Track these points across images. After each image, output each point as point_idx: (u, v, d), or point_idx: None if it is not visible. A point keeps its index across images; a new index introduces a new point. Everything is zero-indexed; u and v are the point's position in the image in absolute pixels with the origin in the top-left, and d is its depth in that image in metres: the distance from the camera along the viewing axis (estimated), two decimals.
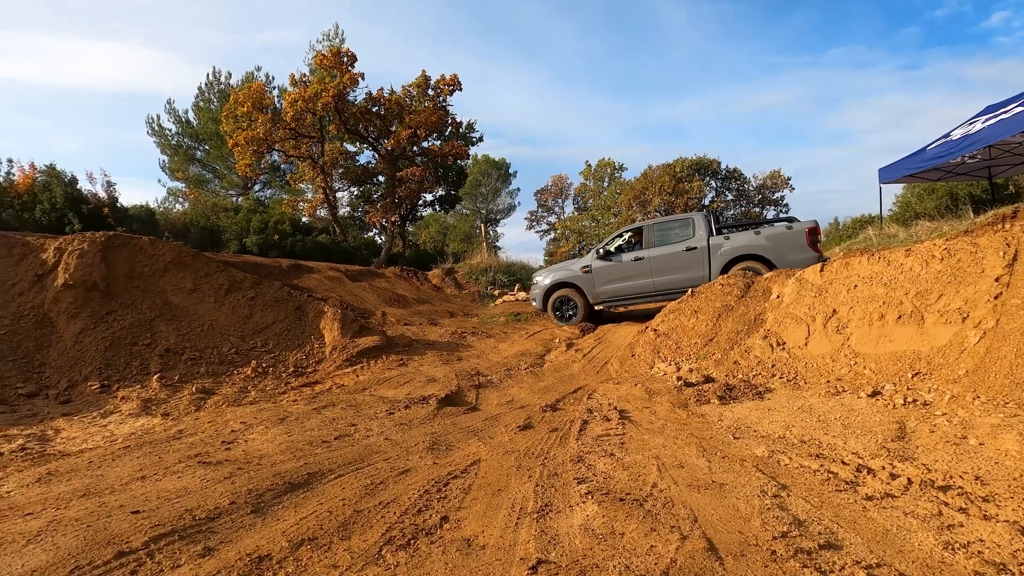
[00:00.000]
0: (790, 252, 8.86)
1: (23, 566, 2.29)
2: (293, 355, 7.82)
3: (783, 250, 8.97)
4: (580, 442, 4.24)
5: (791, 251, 8.88)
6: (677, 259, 9.65)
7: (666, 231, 10.00)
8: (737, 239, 9.37)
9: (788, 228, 9.13)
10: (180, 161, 21.73)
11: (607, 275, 10.19)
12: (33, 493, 3.32)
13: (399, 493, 3.23)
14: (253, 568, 2.33)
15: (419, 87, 17.00)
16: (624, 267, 10.06)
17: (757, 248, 9.17)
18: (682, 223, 9.95)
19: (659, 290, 9.90)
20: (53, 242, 7.93)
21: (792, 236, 9.02)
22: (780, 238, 9.08)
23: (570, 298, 10.61)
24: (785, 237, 9.06)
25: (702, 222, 9.69)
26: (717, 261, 9.38)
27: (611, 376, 7.35)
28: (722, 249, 9.37)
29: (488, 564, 2.30)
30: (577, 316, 10.58)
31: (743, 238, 9.36)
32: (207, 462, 3.76)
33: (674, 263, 9.67)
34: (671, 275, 9.70)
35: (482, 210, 34.11)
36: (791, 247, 8.94)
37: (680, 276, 9.61)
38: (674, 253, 9.69)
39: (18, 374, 6.38)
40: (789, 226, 9.15)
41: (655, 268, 9.81)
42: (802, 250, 8.83)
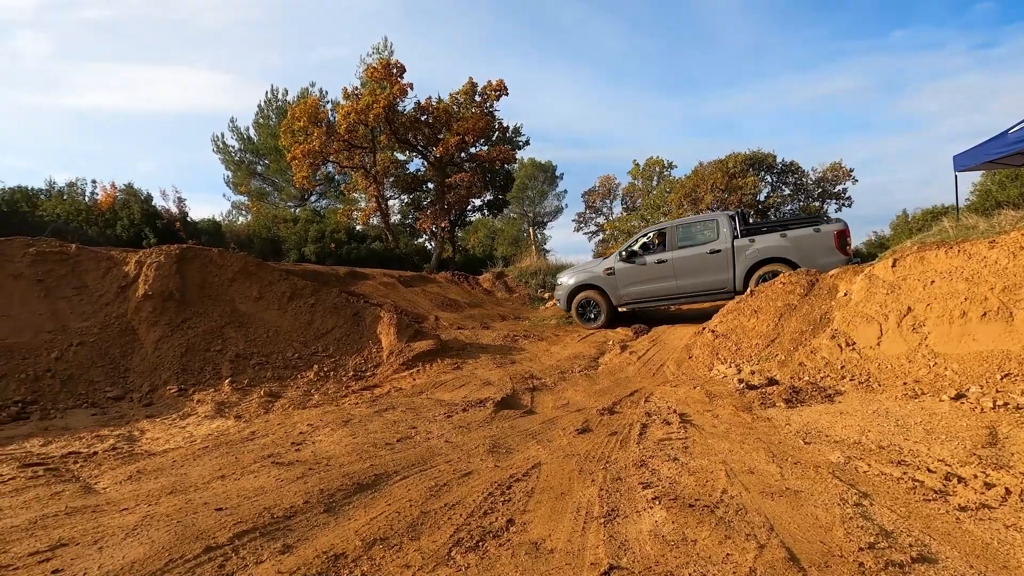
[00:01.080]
0: (818, 255, 8.59)
1: (124, 558, 2.46)
2: (352, 359, 8.06)
3: (810, 253, 8.71)
4: (641, 446, 4.16)
5: (819, 254, 8.61)
6: (701, 261, 9.47)
7: (690, 233, 9.81)
8: (763, 242, 9.13)
9: (816, 231, 8.88)
10: (243, 176, 22.89)
11: (630, 277, 10.06)
12: (126, 490, 3.56)
13: (463, 495, 3.27)
14: (330, 566, 2.41)
15: (466, 94, 17.24)
16: (647, 269, 9.92)
17: (783, 251, 8.95)
18: (706, 224, 9.74)
19: (683, 293, 9.75)
20: (134, 255, 8.50)
21: (820, 239, 8.77)
22: (807, 241, 8.83)
23: (594, 300, 10.50)
24: (812, 240, 8.81)
25: (726, 223, 9.44)
26: (742, 264, 9.19)
27: (668, 379, 7.19)
28: (747, 252, 9.17)
29: (558, 568, 2.30)
30: (601, 318, 10.47)
31: (769, 241, 9.11)
32: (280, 462, 3.93)
33: (698, 265, 9.49)
34: (695, 278, 9.54)
35: (529, 213, 34.17)
36: (819, 250, 8.68)
37: (704, 279, 9.46)
38: (698, 255, 9.52)
39: (106, 379, 6.86)
40: (817, 228, 8.91)
41: (679, 270, 9.66)
42: (830, 253, 8.57)
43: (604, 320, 10.43)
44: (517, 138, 19.93)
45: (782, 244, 8.99)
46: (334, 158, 16.60)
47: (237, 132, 22.96)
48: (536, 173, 33.92)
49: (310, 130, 15.81)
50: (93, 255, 8.39)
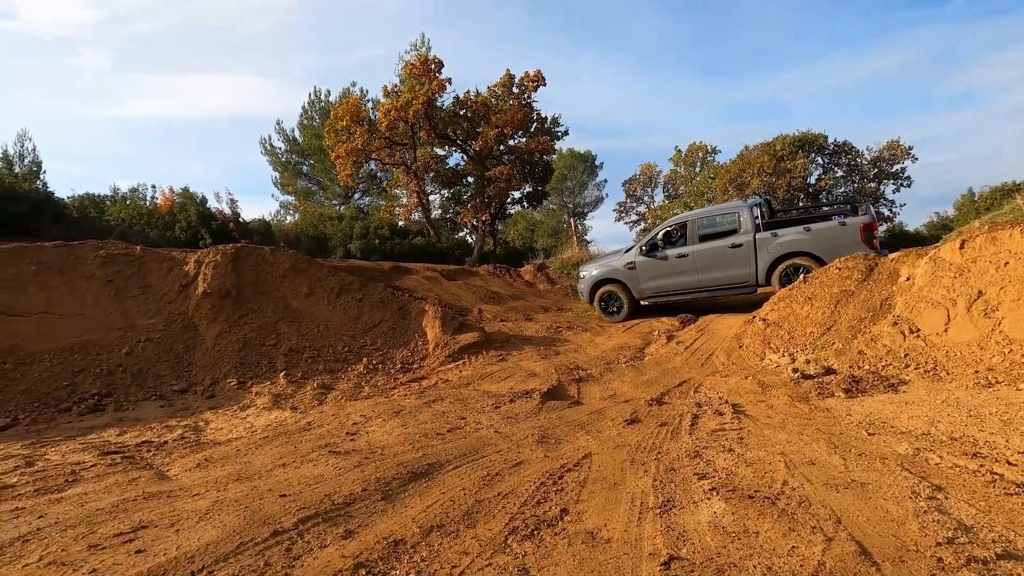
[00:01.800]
0: (843, 249, 8.25)
1: (199, 540, 2.59)
2: (399, 352, 8.22)
3: (835, 247, 8.39)
4: (694, 437, 4.09)
5: (844, 248, 8.28)
6: (722, 255, 9.24)
7: (711, 225, 9.56)
8: (785, 235, 8.85)
9: (842, 224, 8.57)
10: (289, 176, 23.64)
11: (651, 271, 9.93)
12: (196, 476, 3.76)
13: (516, 485, 3.29)
14: (391, 551, 2.47)
15: (504, 86, 17.21)
16: (668, 263, 9.76)
17: (806, 245, 8.68)
18: (727, 217, 9.47)
19: (704, 287, 9.59)
20: (193, 255, 8.91)
21: (845, 232, 8.50)
22: (832, 234, 8.55)
23: (615, 294, 10.41)
24: (837, 233, 8.53)
25: (748, 216, 9.14)
26: (764, 258, 8.94)
27: (717, 369, 7.03)
28: (769, 246, 8.91)
29: (616, 558, 2.28)
30: (623, 311, 10.36)
31: (791, 234, 8.83)
32: (336, 451, 4.06)
33: (719, 259, 9.27)
34: (716, 272, 9.35)
35: (569, 204, 33.91)
36: (844, 244, 8.37)
37: (725, 273, 9.27)
38: (719, 249, 9.28)
39: (171, 373, 7.24)
40: (843, 222, 8.60)
41: (699, 264, 9.45)
42: (856, 247, 8.25)
43: (626, 313, 10.33)
44: (556, 129, 19.77)
45: (805, 238, 8.74)
46: (376, 156, 16.92)
47: (283, 134, 23.73)
48: (575, 163, 33.59)
49: (352, 129, 16.15)
50: (156, 256, 8.84)
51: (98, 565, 2.42)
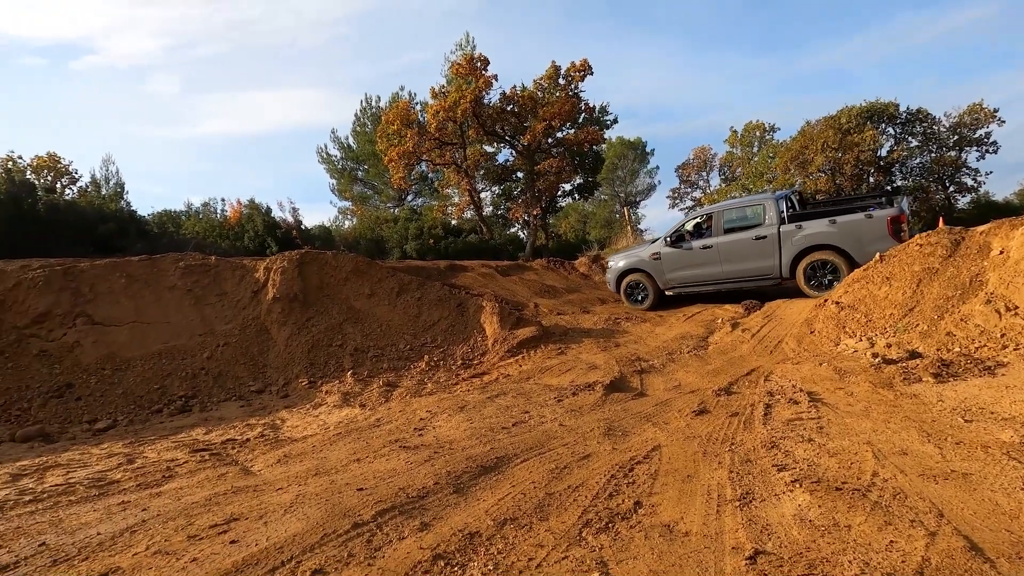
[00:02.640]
0: (869, 243, 8.25)
1: (286, 531, 2.73)
2: (459, 348, 8.34)
3: (860, 240, 8.38)
4: (768, 427, 3.92)
5: (870, 242, 8.26)
6: (746, 247, 9.30)
7: (736, 217, 9.64)
8: (810, 228, 8.77)
9: (868, 216, 8.44)
10: (346, 182, 24.46)
11: (676, 262, 10.06)
12: (278, 471, 3.96)
13: (585, 477, 3.27)
14: (467, 543, 2.51)
15: (550, 78, 17.08)
16: (693, 255, 9.86)
17: (831, 238, 8.62)
18: (752, 209, 9.52)
19: (728, 278, 9.64)
20: (262, 263, 9.37)
21: (871, 225, 8.36)
22: (858, 227, 8.44)
23: (641, 283, 10.61)
24: (863, 226, 8.42)
25: (773, 209, 9.13)
26: (788, 251, 8.94)
27: (788, 356, 6.73)
28: (793, 238, 8.89)
29: (697, 551, 2.22)
30: (648, 300, 10.53)
31: (816, 227, 8.74)
32: (406, 446, 4.16)
33: (743, 251, 9.33)
34: (740, 263, 9.42)
35: (621, 193, 33.31)
36: (870, 237, 8.31)
37: (749, 265, 9.34)
38: (743, 241, 9.33)
39: (248, 374, 7.65)
40: (869, 215, 8.45)
41: (724, 256, 9.53)
42: (883, 240, 8.18)
43: (651, 302, 10.50)
44: (604, 117, 19.45)
45: (830, 231, 8.64)
46: (427, 157, 17.23)
47: (338, 142, 24.56)
48: (625, 152, 32.93)
49: (403, 132, 16.50)
50: (229, 265, 9.36)
51: (198, 554, 2.59)
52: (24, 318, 7.43)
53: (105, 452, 5.02)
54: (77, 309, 7.77)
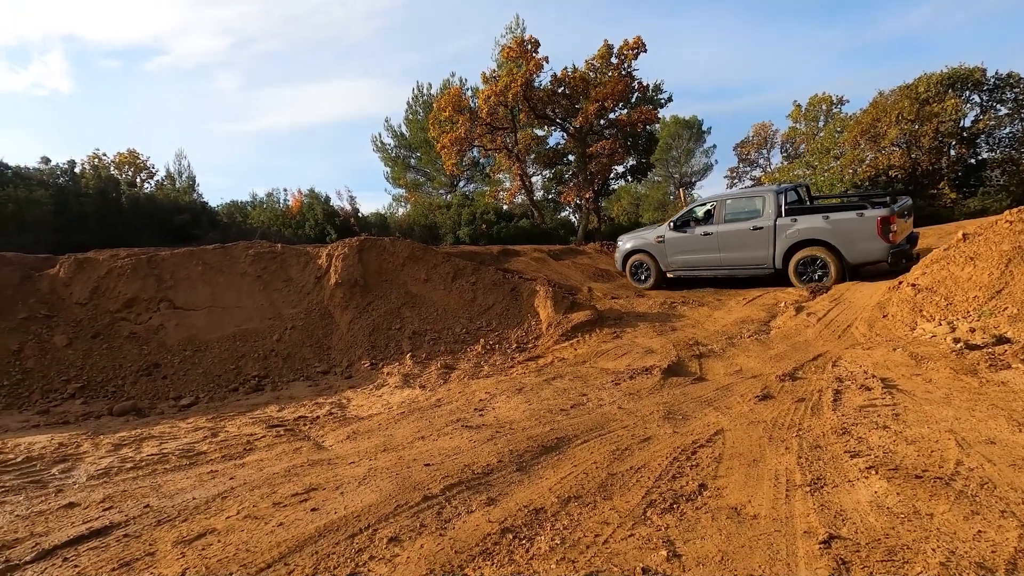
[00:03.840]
0: (859, 241, 8.57)
1: (362, 501, 2.89)
2: (514, 332, 8.43)
3: (851, 238, 8.65)
4: (839, 413, 3.79)
5: (860, 240, 8.56)
6: (743, 237, 9.65)
7: (737, 208, 9.97)
8: (804, 222, 9.06)
9: (860, 215, 8.60)
10: (399, 170, 24.99)
11: (678, 246, 10.49)
12: (348, 447, 4.17)
13: (647, 459, 3.28)
14: (533, 518, 2.59)
15: (602, 58, 16.73)
16: (694, 240, 10.25)
17: (822, 233, 8.89)
18: (753, 200, 9.85)
19: (725, 265, 10.06)
20: (324, 249, 9.75)
21: (861, 224, 8.57)
22: (849, 225, 8.67)
23: (645, 263, 11.10)
24: (854, 224, 8.64)
25: (772, 201, 9.42)
26: (782, 243, 9.24)
27: (857, 341, 6.43)
28: (787, 232, 9.18)
29: (767, 534, 2.20)
30: (650, 280, 11.05)
31: (810, 222, 9.03)
32: (468, 426, 4.29)
33: (740, 241, 9.69)
34: (736, 252, 9.79)
35: (675, 174, 32.40)
36: (860, 236, 8.57)
37: (745, 254, 9.70)
38: (741, 231, 9.68)
39: (314, 356, 8.03)
40: (861, 214, 8.61)
41: (722, 244, 9.92)
42: (871, 240, 8.47)
43: (652, 282, 11.02)
44: (658, 96, 18.87)
45: (822, 226, 8.90)
46: (478, 142, 17.33)
47: (391, 130, 25.08)
48: (680, 131, 31.91)
49: (455, 118, 16.64)
50: (294, 252, 9.80)
51: (283, 520, 2.79)
52: (116, 303, 8.08)
53: (191, 426, 5.44)
54: (160, 295, 8.37)
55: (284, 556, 2.42)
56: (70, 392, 6.65)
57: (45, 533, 2.90)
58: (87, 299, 8.05)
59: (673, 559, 2.13)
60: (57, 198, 12.67)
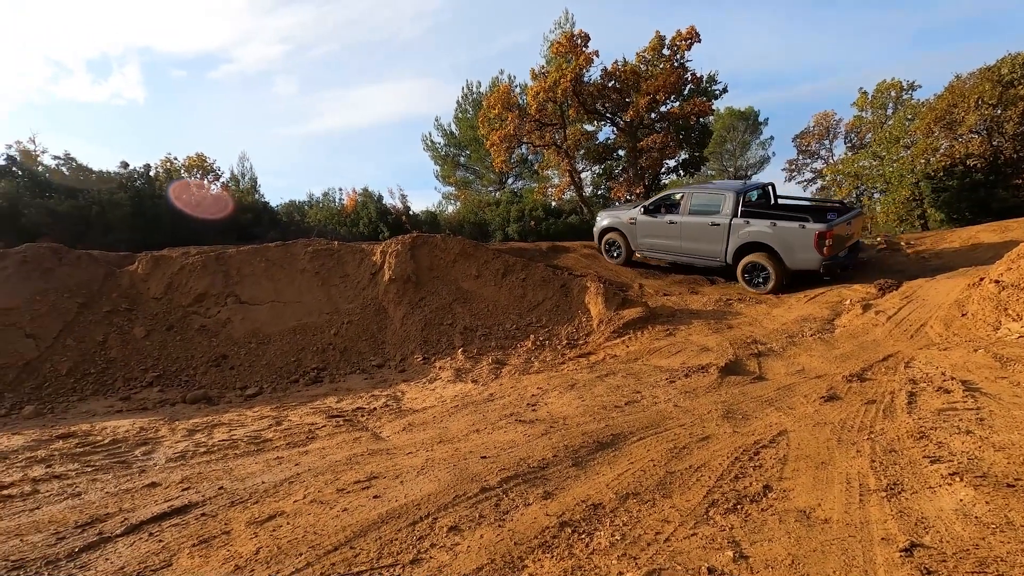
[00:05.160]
0: (798, 250, 9.04)
1: (421, 491, 2.96)
2: (564, 329, 8.40)
3: (791, 246, 9.10)
4: (915, 416, 3.58)
5: (798, 250, 9.03)
6: (702, 230, 10.12)
7: (701, 202, 10.40)
8: (755, 226, 9.51)
9: (802, 227, 9.01)
10: (449, 168, 25.29)
11: (646, 230, 10.98)
12: (405, 438, 4.27)
13: (706, 459, 3.20)
14: (591, 513, 2.57)
15: (654, 50, 16.36)
16: (661, 226, 10.73)
17: (767, 238, 9.34)
18: (716, 197, 10.24)
19: (684, 254, 10.59)
20: (378, 247, 10.01)
21: (801, 235, 9.01)
22: (791, 234, 9.12)
23: (616, 241, 11.62)
24: (795, 234, 9.09)
25: (731, 201, 9.87)
26: (733, 241, 9.69)
27: (932, 341, 6.06)
28: (739, 232, 9.63)
29: (841, 540, 2.11)
30: (621, 257, 11.64)
31: (759, 226, 9.47)
32: (522, 420, 4.31)
33: (699, 233, 10.16)
34: (694, 243, 10.29)
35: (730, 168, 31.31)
36: (798, 246, 9.03)
37: (701, 246, 10.21)
38: (702, 224, 10.13)
39: (369, 350, 8.26)
40: (803, 225, 9.01)
41: (684, 234, 10.41)
42: (807, 251, 8.92)
43: (622, 260, 11.65)
44: (712, 87, 18.27)
45: (768, 232, 9.32)
46: (527, 139, 17.29)
47: (441, 129, 25.39)
48: (735, 123, 30.83)
49: (504, 115, 16.68)
50: (350, 249, 10.10)
51: (347, 505, 2.89)
52: (187, 298, 8.57)
53: (257, 415, 5.71)
54: (227, 290, 8.82)
55: (350, 540, 2.50)
56: (148, 380, 7.11)
57: (132, 509, 3.11)
58: (162, 294, 8.57)
59: (740, 560, 2.07)
60: (135, 200, 13.55)
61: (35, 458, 4.29)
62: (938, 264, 10.14)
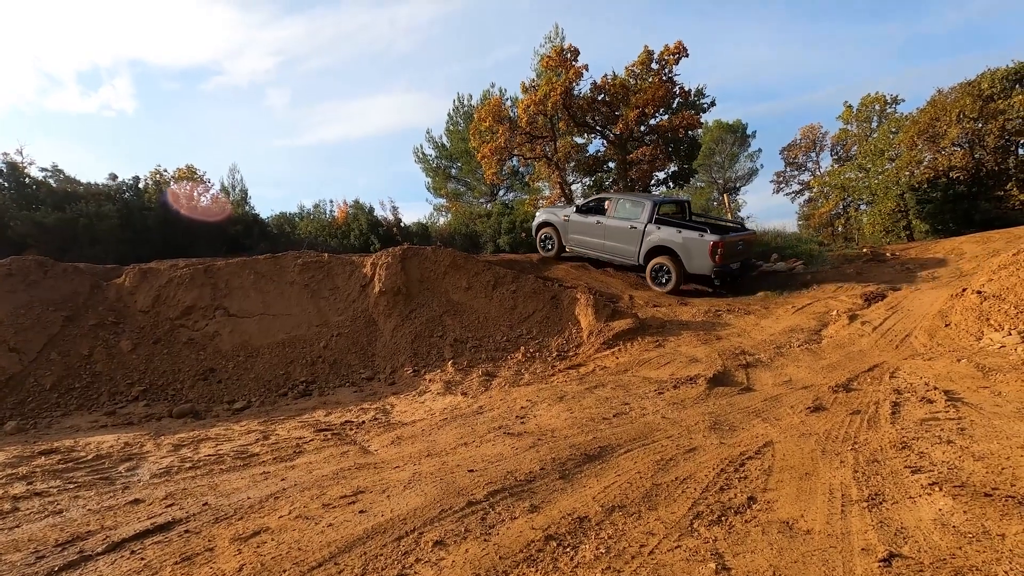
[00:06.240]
0: (695, 256, 10.10)
1: (407, 505, 2.95)
2: (554, 340, 8.42)
3: (691, 253, 10.16)
4: (898, 427, 3.63)
5: (695, 256, 10.08)
6: (622, 233, 11.18)
7: (625, 207, 11.46)
8: (664, 232, 10.59)
9: (700, 236, 10.07)
10: (440, 180, 25.37)
11: (576, 227, 12.07)
12: (392, 451, 4.25)
13: (692, 470, 3.21)
14: (577, 527, 2.57)
15: (642, 64, 16.56)
16: (589, 225, 11.79)
17: (672, 244, 10.44)
18: (637, 204, 11.33)
19: (605, 252, 11.63)
20: (368, 259, 10.01)
21: (700, 244, 10.02)
22: (692, 242, 10.15)
23: (551, 236, 12.66)
24: (696, 242, 10.09)
25: (648, 209, 10.98)
26: (646, 244, 10.81)
27: (917, 351, 6.14)
28: (649, 236, 10.74)
29: (821, 550, 2.12)
30: (553, 250, 12.67)
31: (667, 233, 10.55)
32: (510, 433, 4.31)
33: (619, 235, 11.24)
34: (615, 243, 11.34)
35: (719, 180, 31.62)
36: (696, 252, 10.07)
37: (619, 246, 11.26)
38: (623, 227, 11.19)
39: (359, 363, 8.23)
40: (702, 235, 10.08)
41: (607, 234, 11.48)
42: (703, 257, 9.96)
43: (555, 253, 12.63)
44: (701, 100, 18.48)
45: (674, 238, 10.41)
46: (518, 151, 17.39)
47: (433, 141, 25.50)
48: (724, 135, 31.19)
49: (495, 128, 16.78)
50: (340, 261, 10.09)
51: (333, 520, 2.87)
52: (175, 311, 8.51)
53: (244, 429, 5.66)
54: (216, 302, 8.77)
55: (334, 556, 2.49)
56: (134, 395, 7.03)
57: (114, 527, 3.07)
58: (150, 307, 8.51)
59: (722, 572, 2.08)
60: (123, 212, 13.46)
61: (16, 475, 4.23)
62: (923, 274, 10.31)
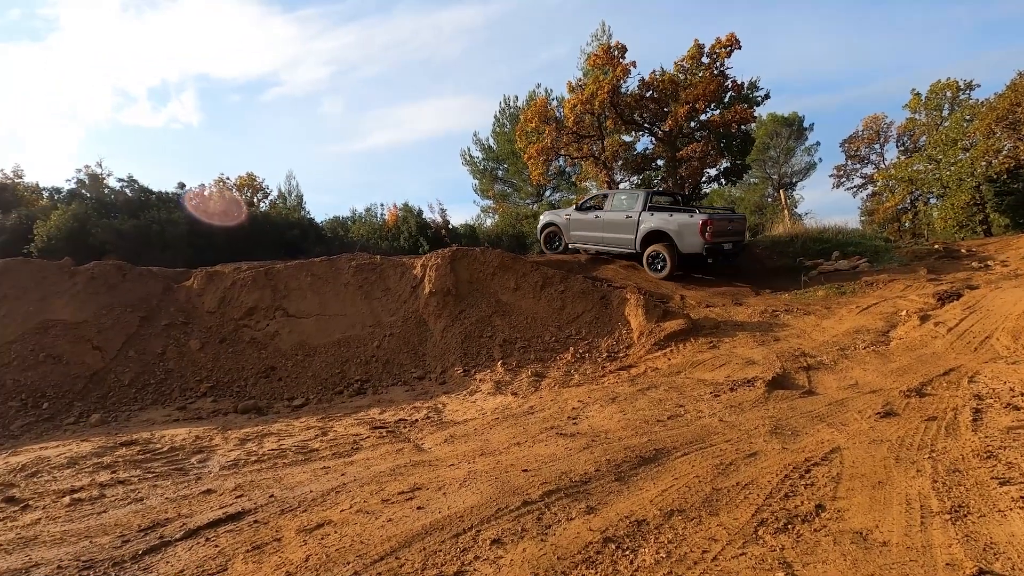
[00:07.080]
0: (686, 236, 10.65)
1: (464, 503, 2.99)
2: (604, 341, 8.33)
3: (683, 234, 10.71)
4: (980, 435, 3.39)
5: (687, 235, 10.64)
6: (619, 224, 11.84)
7: (620, 200, 12.16)
8: (657, 218, 11.22)
9: (690, 216, 10.72)
10: (487, 182, 25.63)
11: (577, 225, 12.82)
12: (446, 450, 4.32)
13: (754, 476, 3.10)
14: (635, 530, 2.54)
15: (692, 58, 16.16)
16: (588, 221, 12.51)
17: (666, 227, 11.02)
18: (631, 196, 12.03)
19: (605, 244, 12.27)
20: (419, 260, 10.20)
21: (690, 224, 10.63)
22: (683, 224, 10.75)
23: (556, 234, 13.45)
24: (687, 223, 10.68)
25: (642, 199, 11.65)
26: (641, 231, 11.42)
27: (999, 354, 5.73)
28: (643, 224, 11.37)
29: (901, 564, 2.01)
30: (560, 248, 13.36)
31: (660, 218, 11.19)
32: (563, 434, 4.29)
33: (616, 226, 11.90)
34: (613, 234, 11.99)
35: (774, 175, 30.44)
36: (687, 232, 10.65)
37: (618, 236, 11.89)
38: (619, 218, 11.84)
39: (410, 362, 8.39)
40: (691, 215, 10.75)
41: (605, 226, 12.14)
42: (694, 236, 10.52)
43: (561, 250, 13.33)
44: (754, 94, 17.83)
45: (667, 223, 11.02)
46: (564, 151, 17.33)
47: (480, 144, 25.81)
48: (779, 129, 30.00)
49: (541, 129, 16.77)
50: (391, 263, 10.33)
51: (392, 516, 2.94)
52: (239, 311, 8.94)
53: (304, 425, 5.88)
54: (276, 303, 9.15)
55: (395, 550, 2.55)
56: (202, 391, 7.43)
57: (190, 515, 3.26)
58: (216, 307, 8.97)
59: None
60: (191, 218, 14.28)
61: (101, 464, 4.55)
62: (1004, 272, 9.62)
